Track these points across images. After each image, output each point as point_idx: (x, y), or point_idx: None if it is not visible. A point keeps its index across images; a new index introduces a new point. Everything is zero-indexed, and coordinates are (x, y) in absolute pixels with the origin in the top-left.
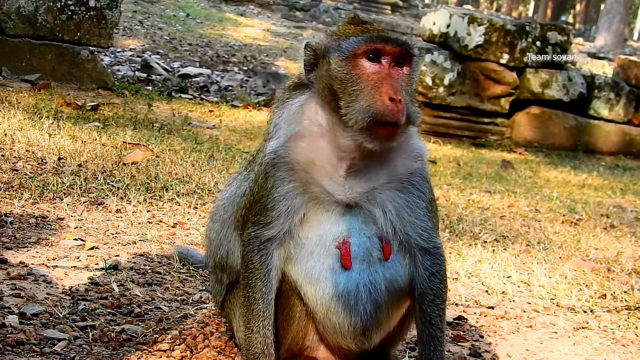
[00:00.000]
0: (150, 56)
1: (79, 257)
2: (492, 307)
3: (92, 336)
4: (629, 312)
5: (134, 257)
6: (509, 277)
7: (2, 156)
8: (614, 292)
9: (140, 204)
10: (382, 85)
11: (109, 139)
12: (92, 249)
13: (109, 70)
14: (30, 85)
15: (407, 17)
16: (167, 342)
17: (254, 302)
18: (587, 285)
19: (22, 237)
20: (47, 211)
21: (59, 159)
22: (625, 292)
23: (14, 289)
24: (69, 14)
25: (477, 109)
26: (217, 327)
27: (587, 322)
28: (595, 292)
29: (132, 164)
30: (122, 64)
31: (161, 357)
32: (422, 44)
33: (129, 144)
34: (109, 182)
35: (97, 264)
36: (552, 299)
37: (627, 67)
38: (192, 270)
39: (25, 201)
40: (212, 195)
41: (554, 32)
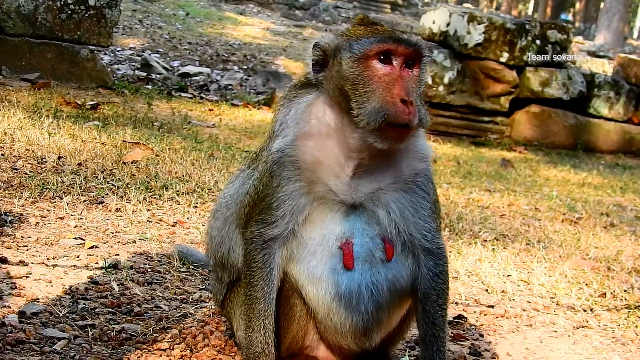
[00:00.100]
0: (150, 55)
1: (78, 256)
2: (492, 306)
3: (92, 335)
4: (629, 311)
5: (133, 256)
6: (508, 275)
7: (2, 155)
8: (614, 291)
9: (140, 202)
10: (394, 86)
11: (109, 138)
12: (92, 248)
13: (109, 69)
14: (30, 84)
15: (406, 15)
16: (167, 341)
17: (256, 301)
18: (587, 284)
19: (21, 236)
20: (47, 210)
21: (59, 157)
22: (625, 291)
23: (14, 288)
24: (69, 13)
25: (477, 107)
26: (217, 326)
27: (587, 321)
28: (595, 291)
29: (132, 162)
30: (122, 62)
31: (161, 356)
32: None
33: (128, 142)
34: (108, 181)
35: (97, 263)
36: (552, 298)
37: (627, 66)
38: (192, 269)
39: (25, 200)
40: (212, 194)
41: (553, 30)
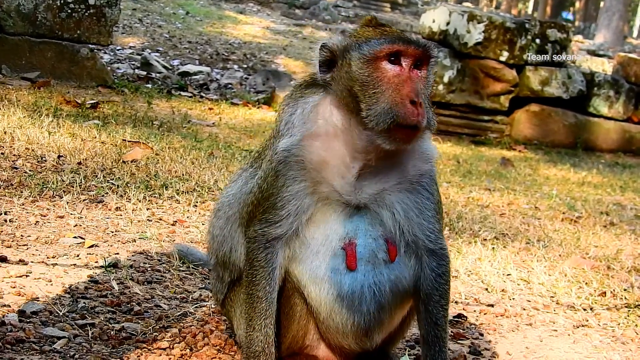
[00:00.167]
0: (149, 54)
1: (78, 255)
2: (492, 305)
3: (92, 334)
4: (629, 310)
5: (133, 255)
6: (508, 274)
7: (2, 154)
8: (614, 290)
9: (139, 201)
10: (403, 87)
11: (109, 137)
12: (92, 247)
13: (109, 68)
14: (29, 83)
15: (406, 14)
16: (167, 340)
17: (257, 300)
18: (586, 283)
19: (21, 235)
20: (47, 209)
21: (59, 156)
22: (625, 290)
23: (14, 287)
24: (69, 11)
25: (477, 106)
26: (217, 325)
27: (587, 320)
28: (595, 290)
29: (131, 161)
30: (122, 61)
31: (161, 355)
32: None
33: (128, 141)
34: (108, 180)
35: (96, 262)
36: (552, 297)
37: (627, 65)
38: (192, 268)
39: (24, 199)
40: (212, 193)
41: (553, 29)
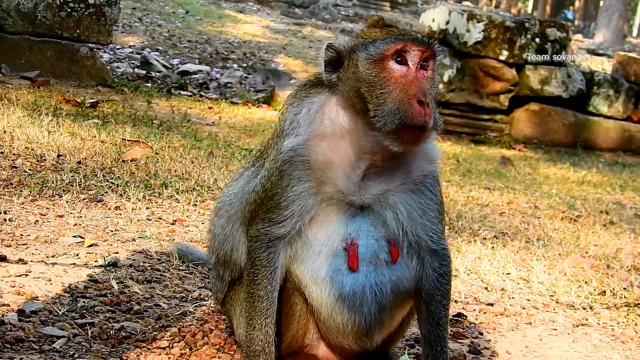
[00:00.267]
0: (149, 53)
1: (78, 255)
2: (492, 304)
3: (91, 333)
4: (629, 309)
5: (133, 255)
6: (508, 274)
7: (2, 153)
8: (614, 289)
9: (139, 201)
10: (411, 87)
11: (108, 136)
12: (91, 246)
13: (108, 67)
14: (29, 82)
15: (406, 13)
16: (166, 340)
17: (258, 299)
18: (586, 282)
19: (21, 234)
20: (46, 208)
21: (58, 156)
22: (624, 289)
23: (13, 286)
24: (68, 10)
25: (477, 105)
26: (217, 324)
27: (587, 319)
28: (594, 289)
29: (131, 161)
30: (122, 60)
31: (160, 354)
32: None
33: (128, 141)
34: (108, 179)
35: (96, 261)
36: (552, 296)
37: (627, 64)
38: (192, 267)
39: (24, 198)
40: (212, 192)
41: (553, 28)
